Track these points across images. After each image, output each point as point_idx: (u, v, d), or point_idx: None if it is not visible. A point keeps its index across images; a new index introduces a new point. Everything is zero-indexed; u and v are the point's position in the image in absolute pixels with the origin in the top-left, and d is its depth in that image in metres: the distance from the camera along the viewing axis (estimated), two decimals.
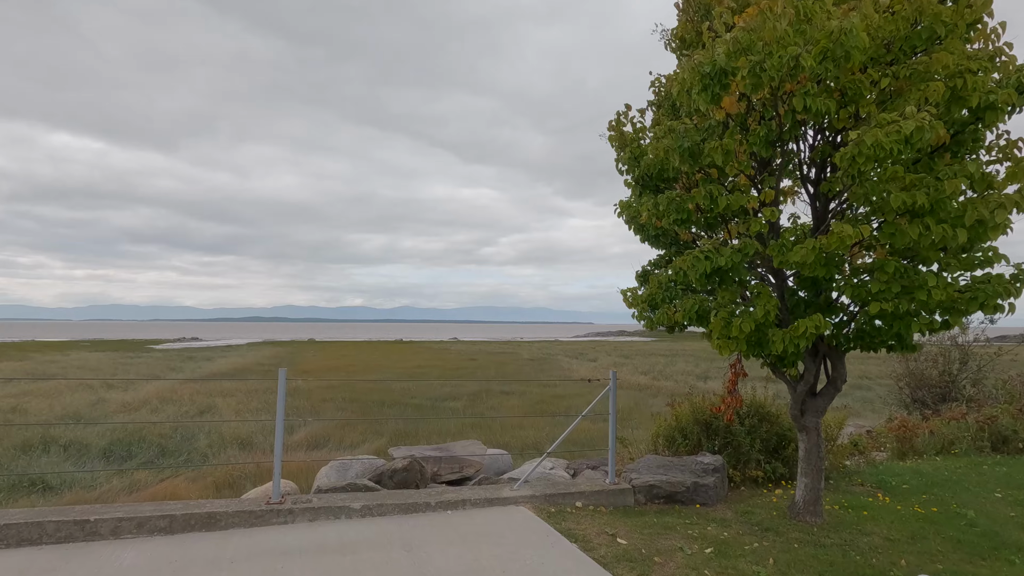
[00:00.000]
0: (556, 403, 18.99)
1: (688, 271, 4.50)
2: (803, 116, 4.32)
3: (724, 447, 6.29)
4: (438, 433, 13.93)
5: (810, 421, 5.36)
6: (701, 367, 33.90)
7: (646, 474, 5.99)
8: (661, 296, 4.94)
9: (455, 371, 30.93)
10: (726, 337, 4.76)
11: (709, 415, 6.39)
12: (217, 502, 5.34)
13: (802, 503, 5.36)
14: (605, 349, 56.39)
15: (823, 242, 4.19)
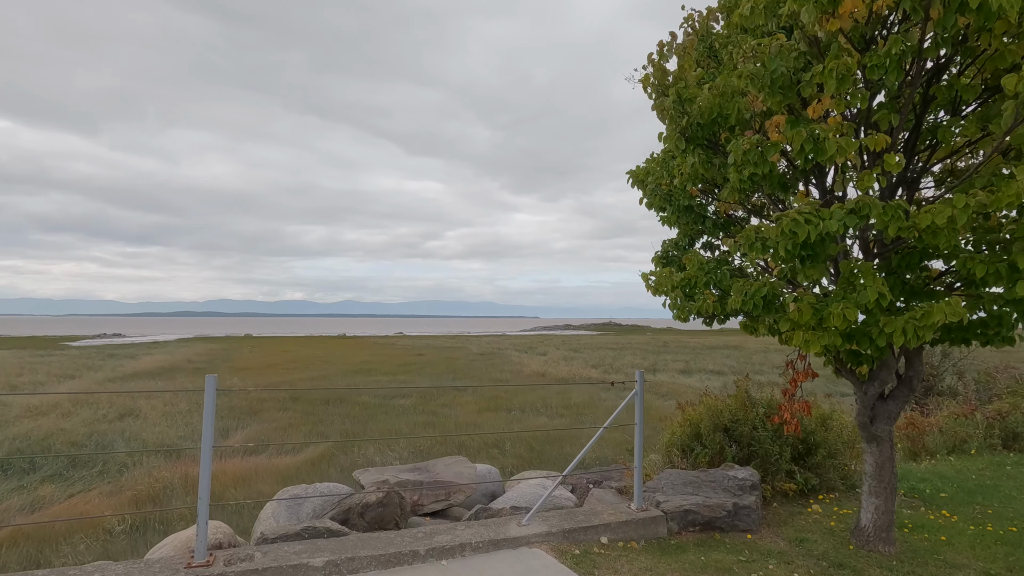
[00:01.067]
0: (511, 398, 18.56)
1: (779, 241, 3.52)
2: (970, 20, 3.18)
3: (749, 457, 5.34)
4: (388, 434, 13.16)
5: (881, 430, 4.53)
6: (649, 360, 34.48)
7: (674, 494, 5.03)
8: (704, 280, 4.00)
9: (403, 367, 29.98)
10: (816, 328, 3.74)
11: (729, 419, 5.53)
12: (110, 567, 3.89)
13: (872, 529, 4.58)
14: (553, 343, 56.61)
15: (980, 199, 3.27)
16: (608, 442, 12.37)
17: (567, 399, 18.71)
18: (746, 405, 5.15)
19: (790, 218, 3.50)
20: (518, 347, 49.21)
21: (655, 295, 4.30)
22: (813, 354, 4.06)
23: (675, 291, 4.15)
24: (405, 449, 11.80)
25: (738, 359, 35.50)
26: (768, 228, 3.64)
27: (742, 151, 3.72)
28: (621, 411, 5.35)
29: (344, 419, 15.35)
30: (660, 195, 4.42)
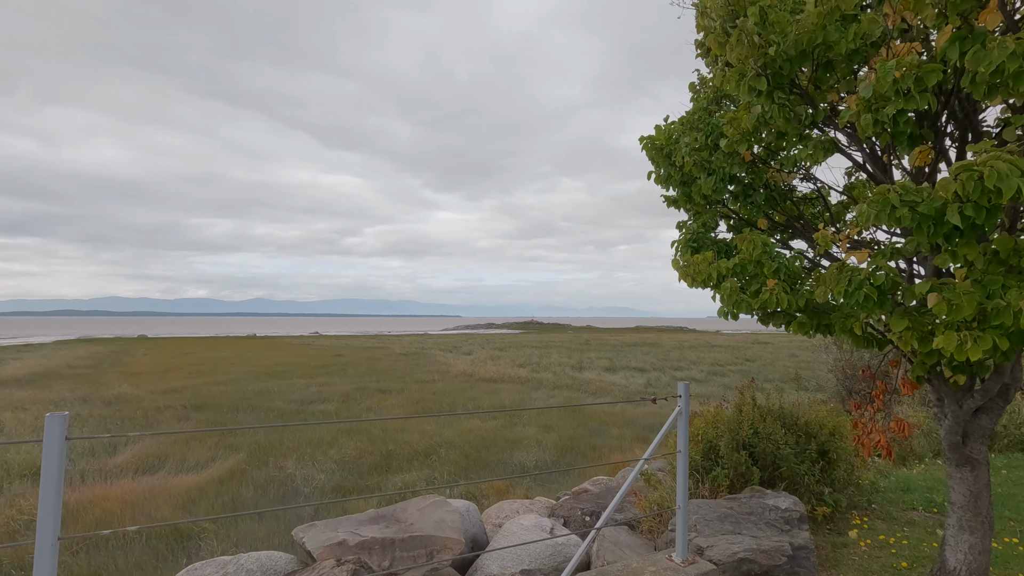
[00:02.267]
0: (440, 400, 17.77)
1: (949, 204, 2.51)
2: None
3: (773, 478, 4.48)
4: (307, 444, 12.01)
5: (977, 450, 3.63)
6: (574, 358, 34.80)
7: (712, 535, 3.99)
8: (772, 266, 3.12)
9: (321, 368, 28.19)
10: (973, 327, 2.77)
11: (750, 435, 4.62)
12: None
13: (966, 572, 3.68)
14: (478, 342, 56.07)
15: None
16: (550, 444, 11.98)
17: (497, 400, 18.22)
18: (766, 417, 4.54)
19: (988, 166, 2.40)
20: (442, 346, 48.17)
21: (692, 286, 3.51)
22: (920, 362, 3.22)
23: (726, 281, 3.26)
24: (329, 460, 10.76)
25: (657, 356, 36.75)
26: (946, 182, 2.54)
27: (891, 79, 2.64)
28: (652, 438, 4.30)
29: (256, 429, 13.89)
30: (676, 173, 3.66)
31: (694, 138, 3.58)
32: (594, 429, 13.85)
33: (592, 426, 14.16)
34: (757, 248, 3.18)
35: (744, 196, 3.76)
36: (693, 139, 3.58)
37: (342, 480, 9.62)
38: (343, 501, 8.64)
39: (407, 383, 22.61)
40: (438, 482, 9.48)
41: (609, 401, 18.90)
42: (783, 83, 2.80)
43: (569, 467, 10.68)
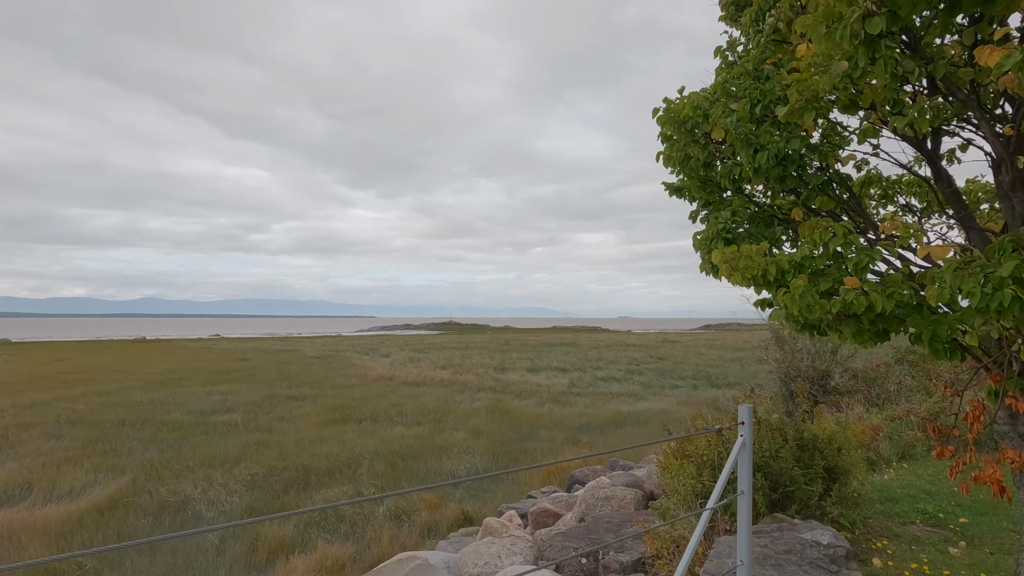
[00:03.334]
0: (360, 406, 16.73)
1: None
2: None
3: (783, 501, 3.86)
4: (210, 462, 10.72)
5: None
6: (496, 359, 34.54)
7: None
8: (859, 261, 2.54)
9: (224, 375, 25.86)
10: None
11: (763, 455, 3.85)
12: None
13: None
14: (396, 343, 54.37)
15: None
16: (481, 449, 11.49)
17: (422, 404, 17.47)
18: (773, 433, 4.03)
19: None
20: (358, 348, 46.16)
21: (737, 284, 2.97)
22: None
23: (795, 278, 2.66)
24: (236, 479, 9.62)
25: (577, 356, 37.34)
26: None
27: None
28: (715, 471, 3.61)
29: (148, 445, 12.28)
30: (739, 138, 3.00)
31: (742, 106, 3.07)
32: (524, 432, 13.56)
33: (522, 429, 13.87)
34: (838, 237, 2.62)
35: (797, 178, 3.21)
36: (742, 107, 3.06)
37: (253, 501, 8.60)
38: (254, 522, 7.69)
39: (322, 388, 21.21)
40: (365, 496, 8.73)
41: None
42: (896, 28, 2.19)
43: (502, 472, 10.30)
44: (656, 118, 3.58)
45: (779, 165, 3.05)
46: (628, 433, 13.35)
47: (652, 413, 16.04)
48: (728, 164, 3.36)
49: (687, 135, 3.40)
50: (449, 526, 7.55)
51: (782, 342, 6.91)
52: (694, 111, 3.35)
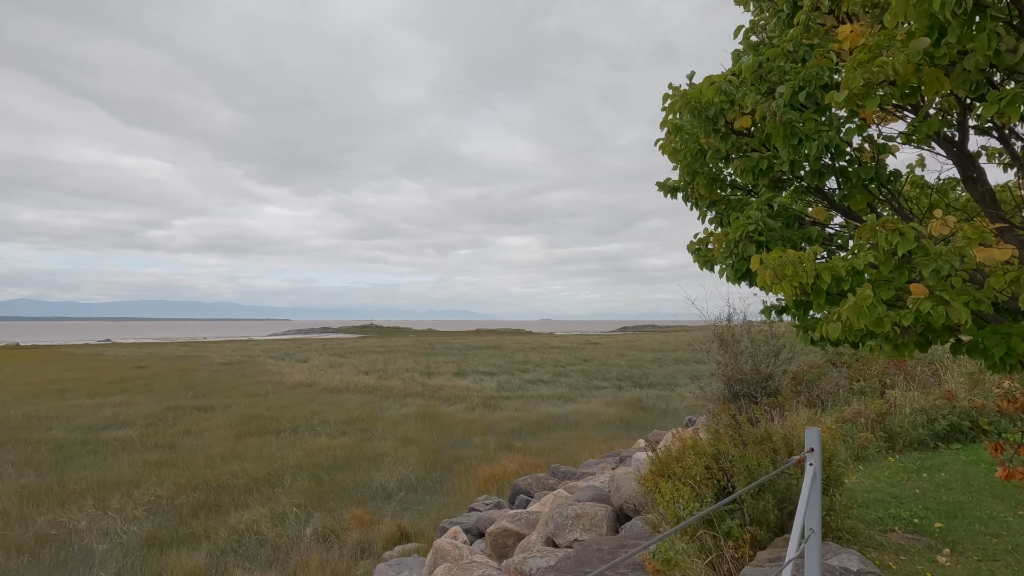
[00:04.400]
0: (278, 416, 15.57)
1: None
2: None
3: (785, 521, 3.39)
4: (101, 485, 9.45)
5: None
6: (421, 363, 33.74)
7: None
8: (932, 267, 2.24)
9: (116, 384, 23.31)
10: None
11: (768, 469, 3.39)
12: None
13: None
14: (314, 348, 51.80)
15: None
16: (412, 459, 10.94)
17: (346, 412, 16.58)
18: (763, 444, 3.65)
19: None
20: (272, 353, 43.46)
21: (778, 292, 2.61)
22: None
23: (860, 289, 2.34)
24: (135, 504, 8.51)
25: (503, 359, 37.29)
26: None
27: None
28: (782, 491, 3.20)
29: (22, 469, 10.67)
30: (782, 124, 2.70)
31: (789, 88, 2.74)
32: (456, 439, 13.17)
33: (453, 436, 13.47)
34: (908, 240, 2.32)
35: (840, 172, 2.98)
36: (789, 89, 2.73)
37: (156, 529, 7.62)
38: (158, 557, 6.79)
39: (234, 397, 19.62)
40: (287, 517, 8.00)
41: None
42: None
43: (436, 484, 9.87)
44: (667, 105, 3.27)
45: (820, 158, 2.78)
46: (561, 436, 13.32)
47: (582, 415, 16.18)
48: (753, 158, 3.08)
49: (707, 124, 3.10)
50: (384, 544, 7.05)
51: (726, 345, 7.09)
52: (719, 96, 3.03)
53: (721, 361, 7.07)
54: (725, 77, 3.10)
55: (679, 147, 3.32)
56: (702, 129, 3.14)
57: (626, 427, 14.37)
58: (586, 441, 12.50)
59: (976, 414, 5.85)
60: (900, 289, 2.44)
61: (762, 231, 3.09)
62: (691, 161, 3.34)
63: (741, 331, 7.30)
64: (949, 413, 5.80)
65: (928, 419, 5.80)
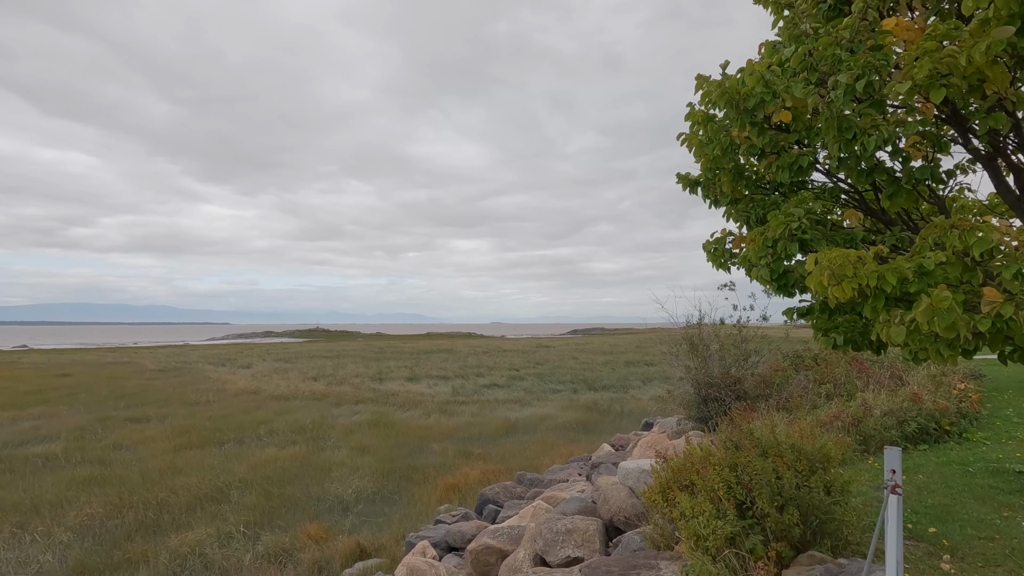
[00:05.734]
0: (220, 426, 14.68)
1: None
2: None
3: (815, 535, 3.26)
4: (19, 508, 8.57)
5: None
6: (372, 368, 32.87)
7: None
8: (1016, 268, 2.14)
9: (36, 395, 21.44)
10: None
11: (791, 483, 3.18)
12: None
13: None
14: (256, 352, 49.60)
15: None
16: (367, 469, 10.49)
17: (295, 420, 15.85)
18: (783, 453, 3.30)
19: None
20: (212, 359, 41.28)
21: (838, 296, 2.39)
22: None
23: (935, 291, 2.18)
24: (62, 528, 7.73)
25: (456, 363, 36.86)
26: None
27: None
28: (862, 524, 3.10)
29: None
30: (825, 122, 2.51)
31: (850, 77, 2.53)
32: (413, 446, 12.80)
33: (410, 443, 13.09)
34: (985, 240, 2.20)
35: (888, 171, 2.82)
36: (850, 78, 2.52)
37: (86, 556, 6.93)
38: None
39: (170, 407, 18.42)
40: (234, 537, 7.47)
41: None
42: None
43: (394, 495, 9.51)
44: (701, 94, 3.06)
45: (874, 155, 2.64)
46: (520, 441, 13.19)
47: (539, 419, 16.11)
48: (791, 154, 2.92)
49: (744, 116, 2.88)
50: (343, 562, 6.68)
51: (695, 348, 7.15)
52: (760, 87, 2.81)
53: (691, 365, 7.13)
54: (766, 67, 2.95)
55: (706, 140, 3.16)
56: (737, 122, 2.98)
57: (584, 430, 14.40)
58: (546, 445, 12.41)
59: (939, 415, 6.14)
60: (969, 292, 2.36)
61: (806, 229, 2.91)
62: (719, 156, 3.18)
63: (710, 334, 7.39)
64: (917, 415, 6.07)
65: (898, 421, 6.02)
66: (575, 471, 7.72)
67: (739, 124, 2.98)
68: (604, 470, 6.08)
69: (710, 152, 3.23)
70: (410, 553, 5.15)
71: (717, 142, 3.17)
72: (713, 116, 3.17)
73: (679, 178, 3.68)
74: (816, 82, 2.86)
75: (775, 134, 3.06)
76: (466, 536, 5.22)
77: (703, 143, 3.25)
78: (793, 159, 3.00)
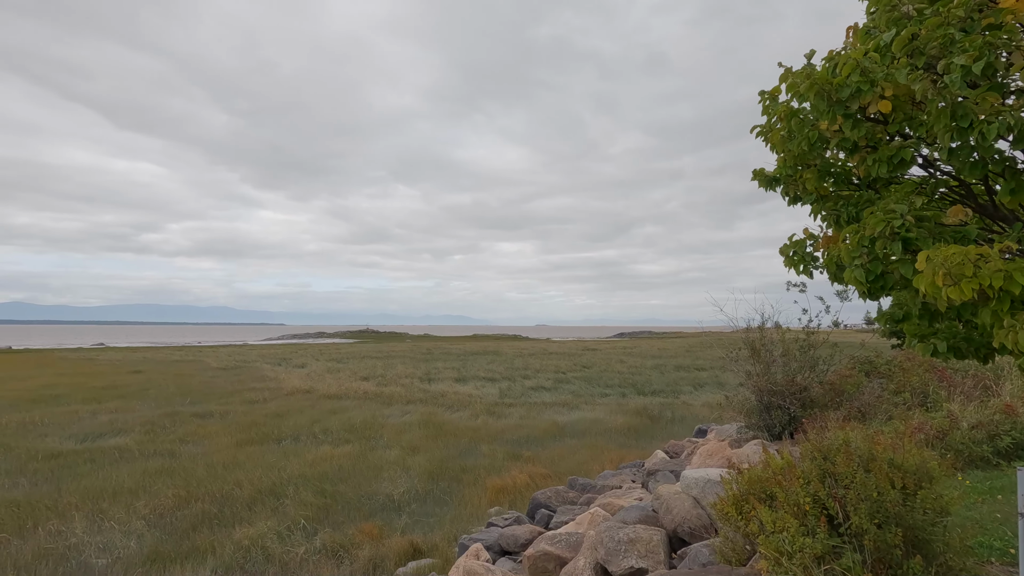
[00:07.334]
0: (278, 424, 15.25)
1: None
2: None
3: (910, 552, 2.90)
4: (99, 496, 9.15)
5: None
6: (421, 368, 33.41)
7: None
8: None
9: (111, 390, 22.91)
10: None
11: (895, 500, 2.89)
12: None
13: None
14: (310, 353, 51.41)
15: None
16: (418, 469, 10.63)
17: (347, 420, 16.28)
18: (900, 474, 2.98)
19: None
20: (269, 358, 43.05)
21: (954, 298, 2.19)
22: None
23: None
24: (135, 516, 8.20)
25: (503, 365, 36.96)
26: None
27: None
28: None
29: (16, 479, 10.34)
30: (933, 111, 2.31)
31: (968, 60, 2.30)
32: (462, 448, 12.89)
33: (459, 444, 13.19)
34: None
35: (1008, 164, 2.57)
36: (968, 60, 2.30)
37: (158, 543, 7.31)
38: (161, 573, 6.51)
39: (231, 404, 19.28)
40: (292, 532, 7.71)
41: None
42: None
43: (445, 495, 9.59)
44: (787, 86, 2.90)
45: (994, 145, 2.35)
46: (569, 445, 13.06)
47: (587, 423, 15.92)
48: (891, 147, 2.71)
49: (836, 107, 2.69)
50: (397, 560, 6.77)
51: (757, 353, 6.85)
52: (856, 76, 2.61)
53: (751, 370, 6.83)
54: (862, 54, 2.75)
55: (790, 134, 2.97)
56: (827, 114, 2.78)
57: (635, 436, 14.12)
58: (596, 450, 12.24)
59: None
60: None
61: (910, 227, 2.66)
62: (805, 151, 2.98)
63: (774, 338, 7.06)
64: (1011, 428, 5.56)
65: (989, 435, 5.52)
66: (628, 478, 7.56)
67: (829, 116, 2.79)
68: (662, 478, 5.91)
69: (794, 147, 3.04)
70: (464, 556, 5.15)
71: (802, 136, 2.98)
72: (798, 109, 2.98)
73: (755, 175, 3.48)
74: (923, 67, 2.65)
75: (871, 126, 2.86)
76: (519, 540, 5.18)
77: (785, 138, 3.07)
78: (893, 152, 2.79)
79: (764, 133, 3.19)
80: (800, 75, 2.91)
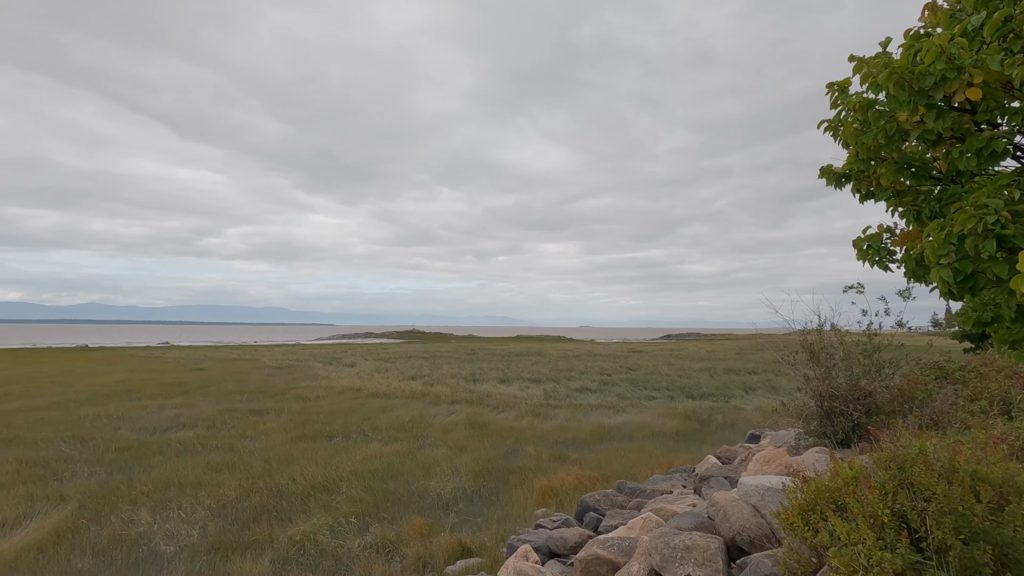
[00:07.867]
0: (329, 421, 15.73)
1: None
2: None
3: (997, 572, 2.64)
4: (166, 486, 9.67)
5: None
6: (466, 369, 33.74)
7: None
8: None
9: (176, 386, 24.22)
10: None
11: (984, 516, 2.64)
12: None
13: None
14: (359, 352, 52.82)
15: None
16: (465, 468, 10.74)
17: (395, 418, 16.61)
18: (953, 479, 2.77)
19: None
20: (320, 358, 44.49)
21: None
22: None
23: None
24: (200, 506, 8.62)
25: (547, 366, 36.88)
26: None
27: None
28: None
29: (94, 468, 11.06)
30: None
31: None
32: (508, 448, 12.92)
33: (505, 444, 13.23)
34: None
35: None
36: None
37: (221, 533, 7.66)
38: (224, 562, 6.81)
39: (285, 401, 20.03)
40: (344, 527, 7.92)
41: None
42: None
43: (492, 495, 9.63)
44: (861, 74, 2.67)
45: None
46: (616, 448, 12.89)
47: (634, 426, 15.66)
48: (981, 137, 2.47)
49: (918, 98, 2.44)
50: (446, 558, 6.85)
51: (816, 357, 6.55)
52: (941, 63, 2.37)
53: (810, 375, 6.53)
54: (947, 39, 2.49)
55: (864, 127, 2.81)
56: (908, 104, 2.55)
57: (684, 440, 13.80)
58: (644, 454, 12.02)
59: None
60: None
61: (1005, 223, 2.43)
62: (882, 144, 2.78)
63: (834, 341, 6.73)
64: None
65: None
66: (678, 482, 7.38)
67: (910, 107, 2.55)
68: (716, 484, 5.73)
69: (869, 140, 2.80)
70: (513, 556, 5.16)
71: (879, 129, 2.75)
72: (874, 100, 2.79)
73: (822, 172, 3.28)
74: (1020, 50, 2.42)
75: (957, 116, 2.63)
76: (568, 543, 5.14)
77: (859, 131, 2.87)
78: (983, 143, 2.55)
79: (834, 127, 3.00)
80: (876, 64, 2.69)
